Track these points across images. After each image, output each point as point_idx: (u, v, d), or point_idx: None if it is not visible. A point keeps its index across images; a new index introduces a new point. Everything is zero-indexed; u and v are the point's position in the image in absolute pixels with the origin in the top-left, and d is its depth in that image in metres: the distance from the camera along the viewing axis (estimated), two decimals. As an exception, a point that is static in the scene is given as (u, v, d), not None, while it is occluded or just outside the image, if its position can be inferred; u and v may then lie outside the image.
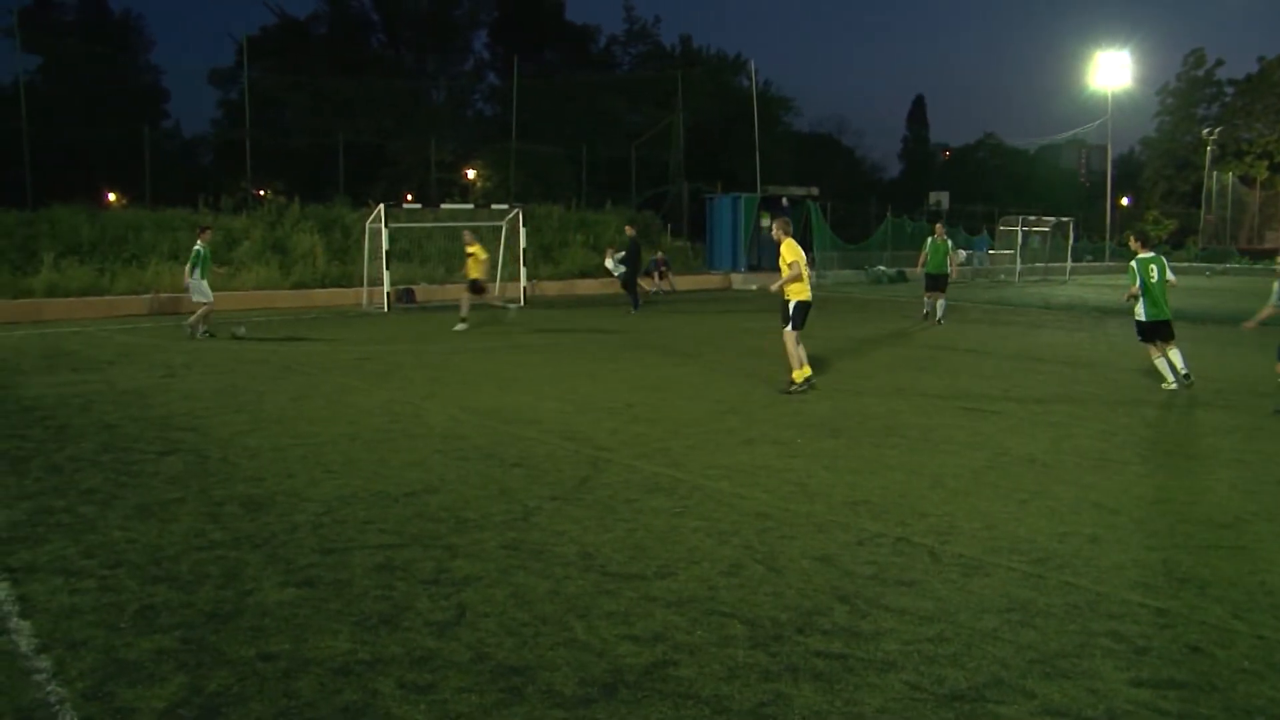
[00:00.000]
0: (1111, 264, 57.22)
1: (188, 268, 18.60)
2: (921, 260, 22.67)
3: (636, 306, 25.11)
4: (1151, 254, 13.12)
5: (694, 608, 5.36)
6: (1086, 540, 6.55)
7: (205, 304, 18.32)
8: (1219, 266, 53.51)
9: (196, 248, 18.60)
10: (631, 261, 25.65)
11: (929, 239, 22.47)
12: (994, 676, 4.55)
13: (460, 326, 19.78)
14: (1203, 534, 6.73)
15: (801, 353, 12.51)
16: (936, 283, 21.89)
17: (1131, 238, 14.44)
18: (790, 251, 12.42)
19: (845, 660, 4.71)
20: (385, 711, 4.21)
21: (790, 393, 12.25)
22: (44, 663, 4.66)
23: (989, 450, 9.25)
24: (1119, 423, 10.67)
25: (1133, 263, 13.08)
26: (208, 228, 19.63)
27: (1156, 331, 13.03)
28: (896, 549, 6.36)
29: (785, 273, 12.44)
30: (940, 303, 21.82)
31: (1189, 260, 59.12)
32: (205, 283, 18.43)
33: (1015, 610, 5.33)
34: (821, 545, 6.42)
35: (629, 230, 26.59)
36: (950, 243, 22.52)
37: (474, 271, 20.34)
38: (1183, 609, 5.36)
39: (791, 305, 12.46)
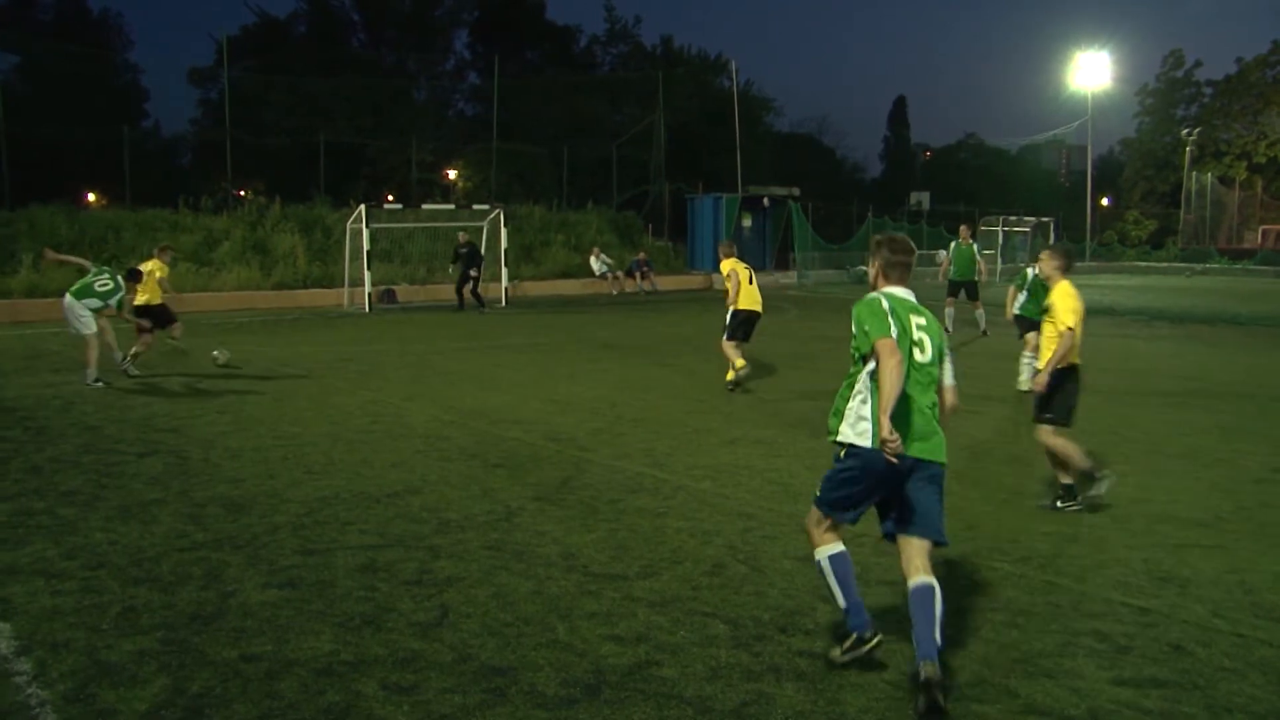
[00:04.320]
0: (1092, 263, 57.55)
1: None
2: (944, 267, 20.39)
3: (461, 307, 25.32)
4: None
5: (677, 608, 5.36)
6: (1068, 539, 6.59)
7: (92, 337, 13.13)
8: (1199, 266, 53.80)
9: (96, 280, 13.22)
10: (468, 264, 25.36)
11: (953, 243, 20.36)
12: (976, 676, 4.56)
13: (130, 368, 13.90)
14: (1183, 533, 6.78)
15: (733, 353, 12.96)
16: (960, 290, 19.74)
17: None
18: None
19: (828, 660, 4.72)
20: (368, 712, 4.20)
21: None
22: (25, 665, 4.63)
23: (971, 450, 9.28)
24: (1099, 422, 10.72)
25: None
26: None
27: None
28: (878, 549, 6.36)
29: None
30: (979, 312, 19.69)
31: (1169, 260, 59.45)
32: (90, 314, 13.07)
33: (997, 609, 5.35)
34: (804, 545, 6.39)
35: (462, 236, 25.90)
36: (976, 245, 20.22)
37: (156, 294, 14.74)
38: (1164, 608, 5.40)
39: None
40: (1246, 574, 5.93)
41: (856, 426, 4.56)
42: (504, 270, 28.50)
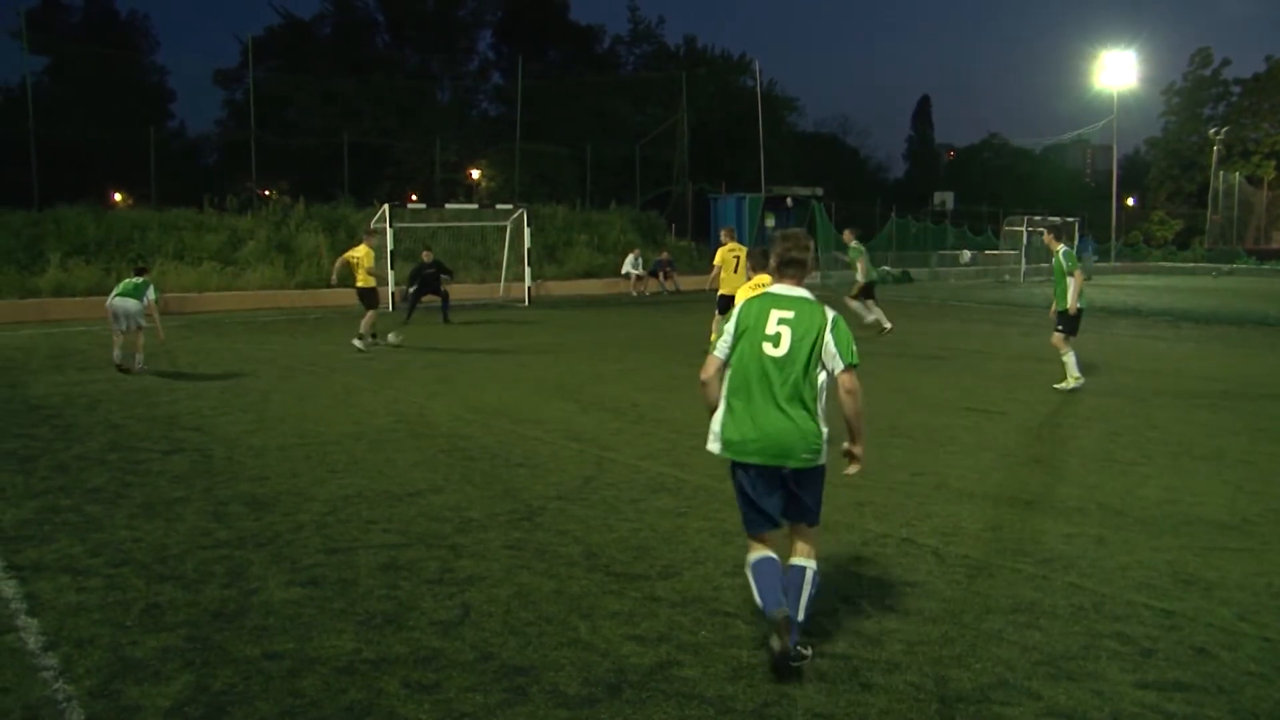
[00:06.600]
0: (1118, 264, 57.17)
1: (151, 297, 14.01)
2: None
3: (408, 319, 23.07)
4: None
5: (698, 608, 5.36)
6: (1092, 541, 6.54)
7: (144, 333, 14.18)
8: (1226, 267, 53.26)
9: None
10: (428, 287, 23.40)
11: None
12: (999, 678, 4.54)
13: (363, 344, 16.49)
14: (1209, 535, 6.71)
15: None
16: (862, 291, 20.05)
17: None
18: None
19: (849, 661, 4.70)
20: (390, 711, 4.21)
21: None
22: (51, 660, 4.67)
23: (994, 451, 9.23)
24: (1124, 423, 10.65)
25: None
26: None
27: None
28: (901, 549, 6.36)
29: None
30: (856, 305, 19.89)
31: (1195, 261, 58.95)
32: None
33: (1020, 611, 5.32)
34: (826, 546, 6.40)
35: (426, 256, 23.85)
36: (855, 246, 20.33)
37: (363, 278, 16.94)
38: (1189, 611, 5.35)
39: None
40: (1274, 577, 5.87)
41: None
42: (527, 270, 28.56)
